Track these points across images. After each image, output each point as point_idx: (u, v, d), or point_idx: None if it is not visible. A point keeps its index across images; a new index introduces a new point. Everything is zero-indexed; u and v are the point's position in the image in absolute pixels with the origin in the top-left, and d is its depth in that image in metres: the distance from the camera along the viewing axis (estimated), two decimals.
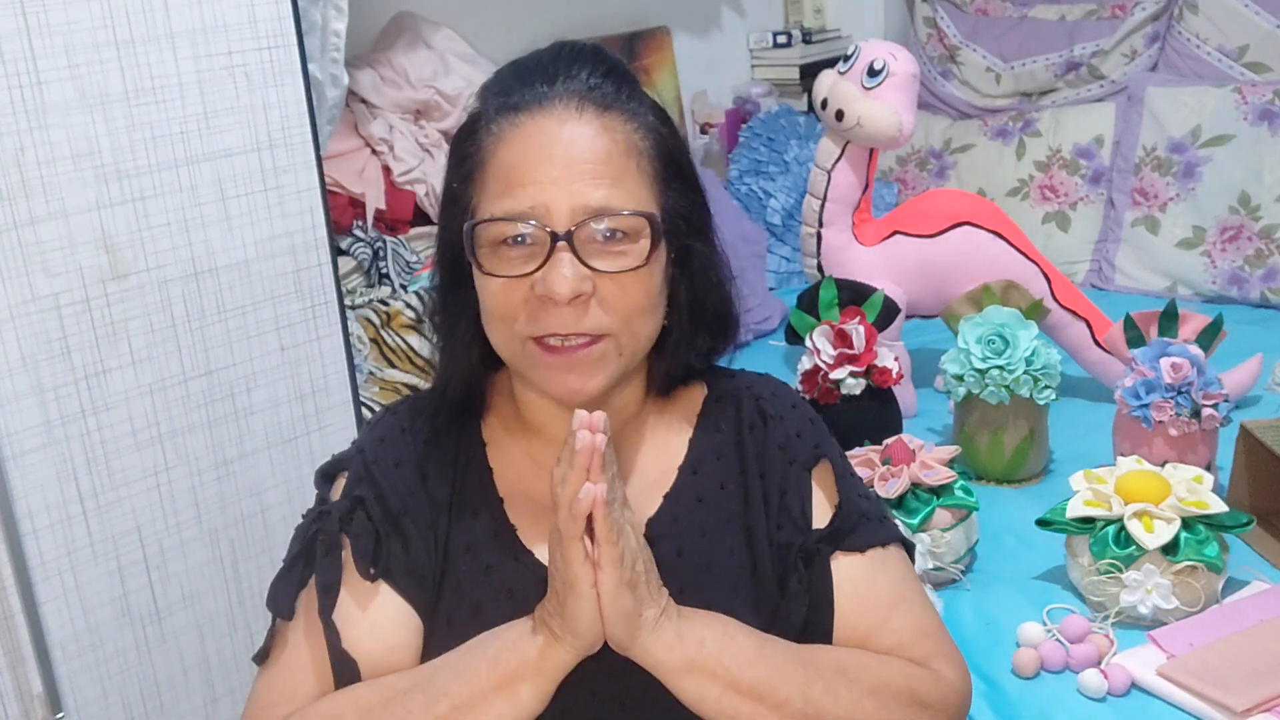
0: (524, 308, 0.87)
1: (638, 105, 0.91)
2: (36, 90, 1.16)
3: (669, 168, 0.92)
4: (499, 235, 0.87)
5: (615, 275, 0.86)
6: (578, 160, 0.86)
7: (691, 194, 0.94)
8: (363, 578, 0.90)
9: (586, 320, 0.86)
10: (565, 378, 0.87)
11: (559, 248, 0.85)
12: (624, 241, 0.87)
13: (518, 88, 0.89)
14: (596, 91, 0.89)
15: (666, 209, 0.90)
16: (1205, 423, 1.62)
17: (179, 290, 1.30)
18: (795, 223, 2.78)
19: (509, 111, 0.88)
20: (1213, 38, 2.76)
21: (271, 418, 1.40)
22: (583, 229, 0.85)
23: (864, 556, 0.95)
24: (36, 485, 1.21)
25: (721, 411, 1.00)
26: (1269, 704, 1.19)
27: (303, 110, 1.37)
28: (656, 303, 0.90)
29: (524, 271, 0.86)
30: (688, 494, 0.96)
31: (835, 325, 1.78)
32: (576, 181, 0.85)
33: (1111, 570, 1.38)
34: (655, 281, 0.89)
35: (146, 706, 1.33)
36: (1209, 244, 2.59)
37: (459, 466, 0.96)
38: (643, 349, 0.92)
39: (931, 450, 1.54)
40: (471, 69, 2.29)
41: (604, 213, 0.85)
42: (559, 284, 0.84)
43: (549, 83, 0.89)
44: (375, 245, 2.01)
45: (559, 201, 0.85)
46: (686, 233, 0.93)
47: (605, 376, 0.89)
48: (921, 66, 2.95)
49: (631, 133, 0.89)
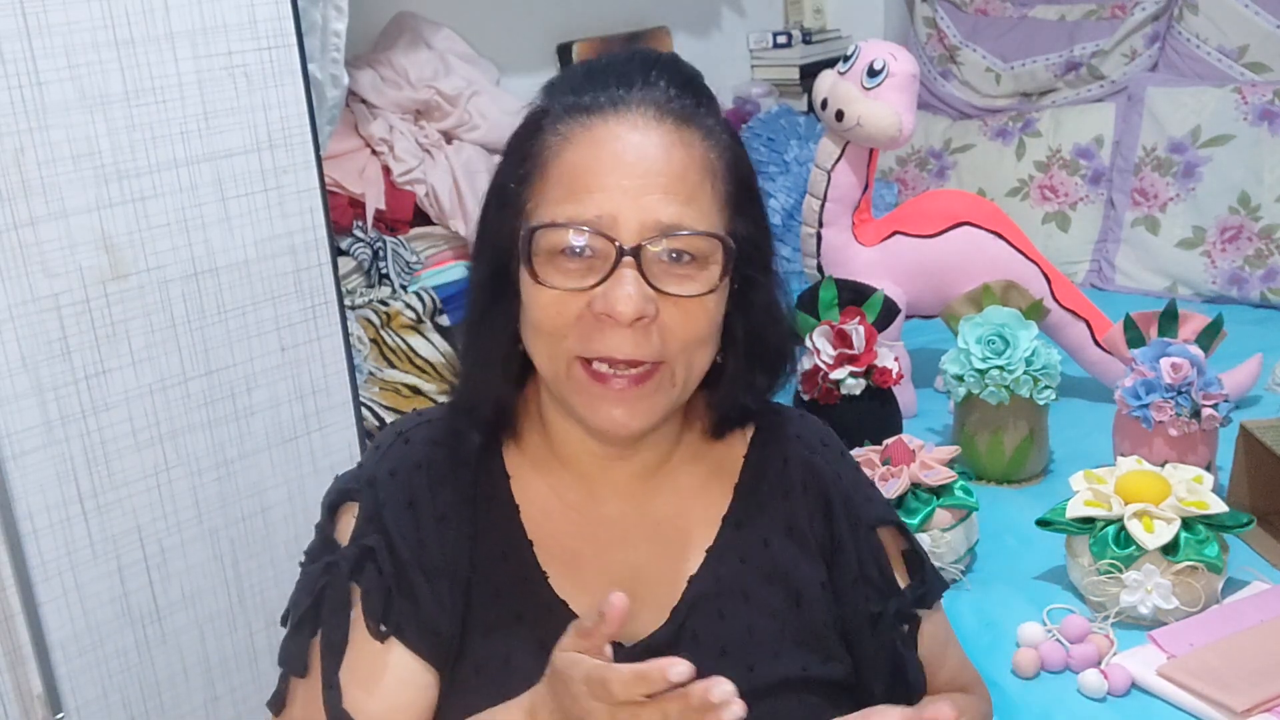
0: (576, 326, 0.80)
1: (715, 123, 0.85)
2: (36, 90, 1.16)
3: (741, 192, 0.86)
4: (558, 244, 0.80)
5: (681, 300, 0.80)
6: (652, 172, 0.80)
7: (760, 222, 0.88)
8: (373, 637, 0.85)
9: (644, 346, 0.79)
10: (611, 410, 0.81)
11: (624, 263, 0.78)
12: (690, 265, 0.80)
13: (590, 88, 0.83)
14: (676, 103, 0.83)
15: (736, 235, 0.84)
16: (1205, 423, 1.62)
17: (179, 290, 1.30)
18: (795, 223, 2.78)
19: (580, 113, 0.82)
20: (1213, 38, 2.76)
21: (272, 418, 1.40)
22: (651, 246, 0.79)
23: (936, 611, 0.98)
24: (36, 485, 1.21)
25: (766, 460, 0.94)
26: (1269, 704, 1.19)
27: (303, 110, 1.37)
28: (716, 334, 0.85)
29: (583, 285, 0.79)
30: (731, 551, 0.90)
31: (835, 325, 1.77)
32: (649, 194, 0.79)
33: (1111, 570, 1.38)
34: (718, 311, 0.83)
35: (147, 706, 1.33)
36: (1209, 244, 2.59)
37: (480, 503, 0.89)
38: (694, 384, 0.85)
39: (931, 450, 1.54)
40: (471, 69, 2.29)
41: (676, 230, 0.79)
42: (623, 302, 0.77)
43: (626, 87, 0.83)
44: (375, 245, 2.01)
45: (628, 213, 0.78)
46: (752, 263, 0.87)
47: (656, 412, 0.83)
48: (921, 66, 2.95)
49: (708, 150, 0.83)
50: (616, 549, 0.89)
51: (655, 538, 0.90)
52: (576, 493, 0.90)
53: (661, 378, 0.81)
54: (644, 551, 0.90)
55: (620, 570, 0.88)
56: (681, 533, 0.90)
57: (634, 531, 0.90)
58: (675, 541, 0.90)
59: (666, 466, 0.91)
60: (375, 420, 1.77)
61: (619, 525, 0.90)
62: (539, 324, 0.82)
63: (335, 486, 0.93)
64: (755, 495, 0.92)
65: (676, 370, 0.82)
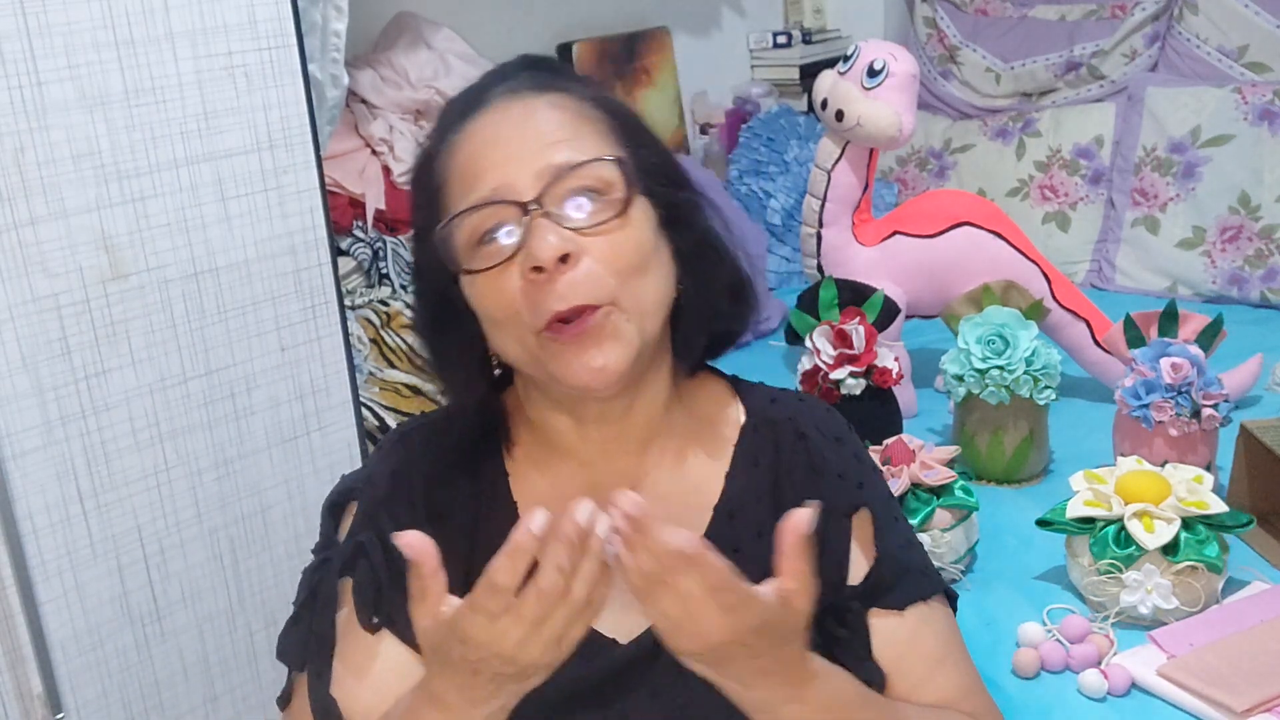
0: (523, 301, 0.82)
1: (580, 86, 0.89)
2: (36, 90, 1.16)
3: (628, 125, 0.88)
4: (473, 233, 0.83)
5: (598, 231, 0.81)
6: (530, 131, 0.84)
7: (660, 150, 0.90)
8: (364, 628, 0.88)
9: (581, 290, 0.80)
10: (583, 357, 0.81)
11: (533, 215, 0.80)
12: (600, 200, 0.82)
13: (457, 108, 0.89)
14: (531, 80, 0.88)
15: (637, 162, 0.86)
16: (1205, 423, 1.62)
17: (179, 290, 1.30)
18: (795, 223, 2.78)
19: (455, 124, 0.87)
20: (1213, 38, 2.76)
21: (272, 418, 1.40)
22: (551, 191, 0.81)
23: (904, 614, 0.90)
24: (36, 485, 1.21)
25: (760, 444, 0.93)
26: (1269, 704, 1.19)
27: (303, 110, 1.37)
28: (650, 262, 0.85)
29: (508, 256, 0.82)
30: (724, 542, 0.87)
31: (835, 325, 1.78)
32: (533, 149, 0.83)
33: (1111, 570, 1.38)
34: (644, 235, 0.84)
35: (146, 706, 1.33)
36: (1209, 244, 2.59)
37: (481, 500, 0.91)
38: (652, 312, 0.85)
39: (931, 450, 1.54)
40: (471, 69, 2.29)
41: (568, 167, 0.81)
42: (540, 247, 0.79)
43: (483, 90, 0.88)
44: (375, 245, 2.01)
45: (521, 173, 0.82)
46: (666, 185, 0.88)
47: (623, 348, 0.82)
48: (921, 66, 2.95)
49: (578, 102, 0.87)
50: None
51: None
52: (575, 484, 0.91)
53: (610, 314, 0.82)
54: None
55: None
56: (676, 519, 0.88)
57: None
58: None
59: (656, 445, 0.92)
60: (375, 420, 1.77)
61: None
62: (490, 313, 0.84)
63: (338, 487, 0.96)
64: (748, 482, 0.92)
65: (625, 304, 0.82)
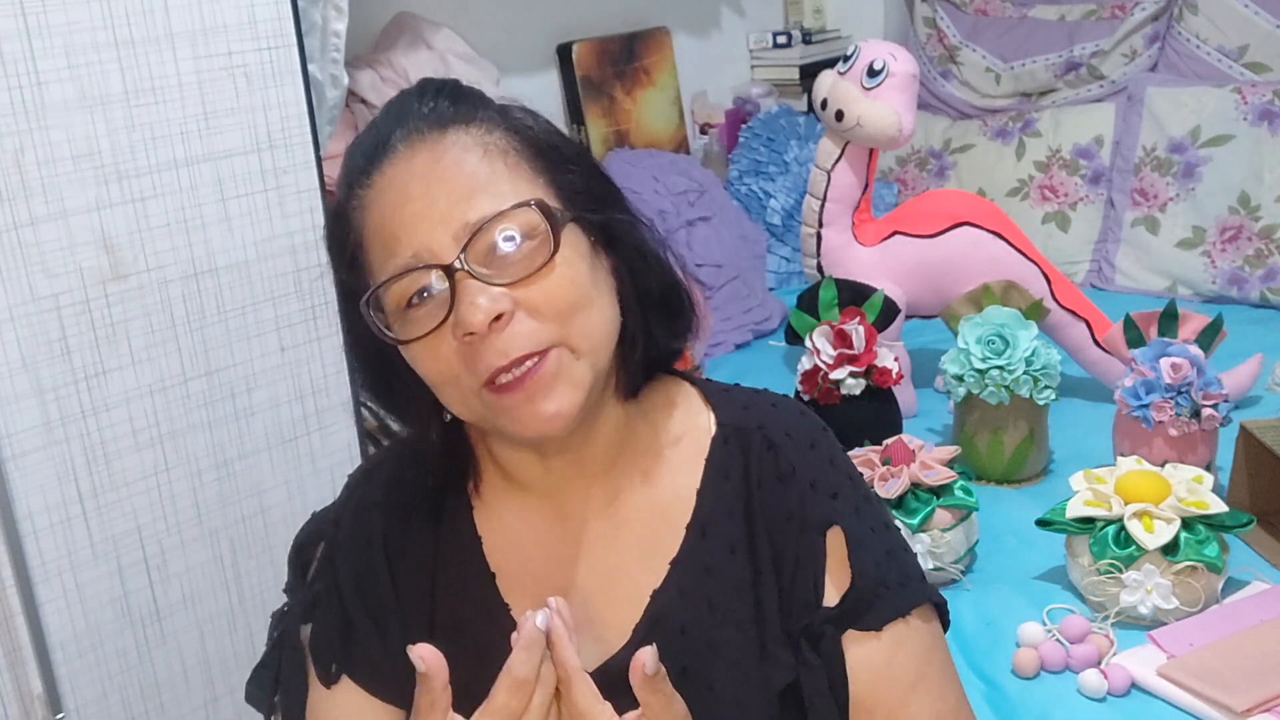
0: (458, 360, 0.78)
1: (484, 112, 0.84)
2: (36, 91, 1.16)
3: (547, 152, 0.83)
4: (399, 299, 0.79)
5: (531, 280, 0.77)
6: (438, 185, 0.79)
7: (584, 167, 0.85)
8: (320, 681, 0.88)
9: (522, 339, 0.77)
10: (534, 408, 0.78)
11: (458, 279, 0.76)
12: (524, 246, 0.78)
13: (361, 157, 0.84)
14: (432, 115, 0.82)
15: (560, 191, 0.82)
16: (1205, 423, 1.62)
17: (179, 291, 1.30)
18: (795, 223, 2.78)
19: (360, 179, 0.82)
20: (1213, 38, 2.76)
21: (272, 418, 1.40)
22: (473, 248, 0.77)
23: (880, 637, 0.84)
24: (37, 486, 1.21)
25: (731, 455, 0.88)
26: (1269, 704, 1.19)
27: (302, 111, 1.37)
28: (591, 295, 0.80)
29: (437, 323, 0.78)
30: (695, 562, 0.86)
31: (835, 325, 1.78)
32: (446, 207, 0.78)
33: (1111, 570, 1.38)
34: (579, 271, 0.80)
35: (147, 706, 1.33)
36: (1209, 244, 2.59)
37: (443, 535, 0.89)
38: (603, 344, 0.81)
39: (931, 450, 1.54)
40: (471, 69, 2.29)
41: (485, 220, 0.77)
42: (469, 314, 0.75)
43: (386, 135, 0.83)
44: None
45: (438, 234, 0.77)
46: (595, 207, 0.84)
47: (576, 389, 0.79)
48: (921, 67, 2.95)
49: (483, 135, 0.81)
50: (582, 568, 0.88)
51: (620, 550, 0.87)
52: (542, 515, 0.89)
53: (559, 355, 0.78)
54: (610, 566, 0.87)
55: (585, 590, 0.87)
56: (646, 543, 0.87)
57: (599, 546, 0.88)
58: (640, 553, 0.87)
59: (622, 464, 0.88)
60: (375, 420, 1.77)
61: (584, 542, 0.88)
62: (429, 378, 0.81)
63: (307, 527, 0.95)
64: (719, 495, 0.88)
65: (573, 341, 0.79)
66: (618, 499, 0.88)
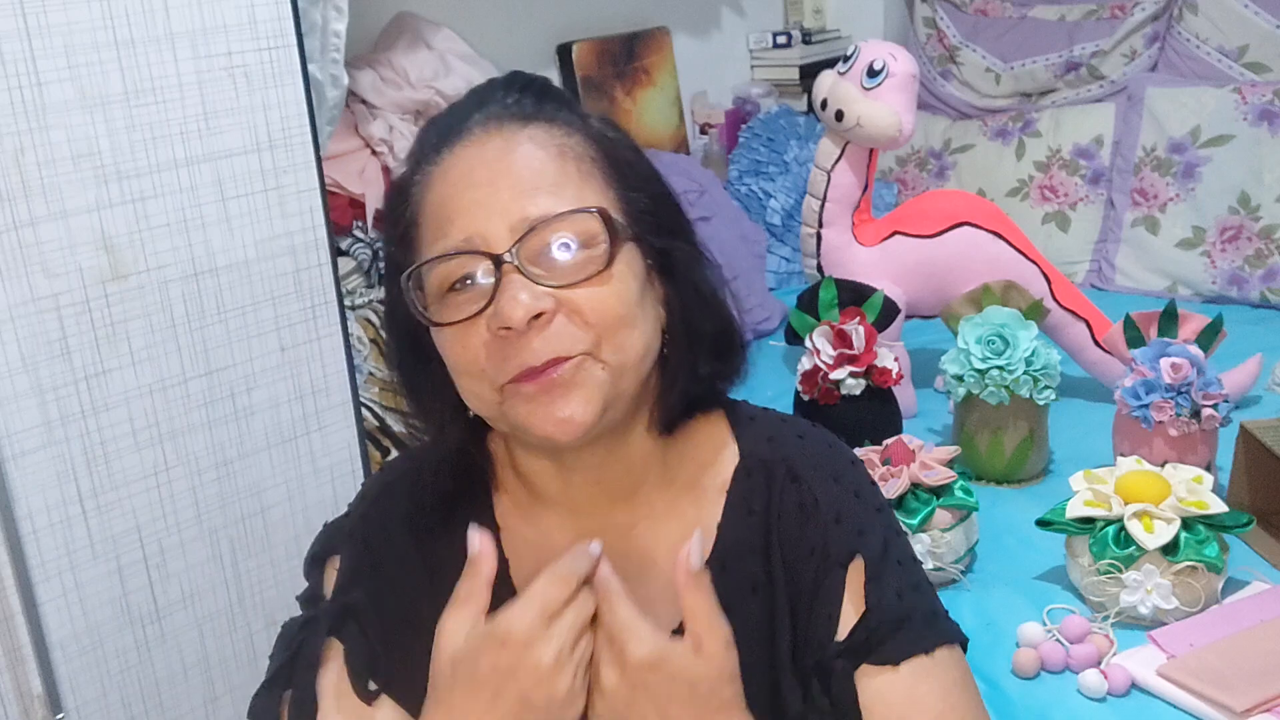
0: (486, 353, 0.77)
1: (567, 114, 0.82)
2: (36, 91, 1.16)
3: (621, 167, 0.82)
4: (442, 281, 0.78)
5: (578, 286, 0.76)
6: (506, 175, 0.77)
7: (655, 191, 0.83)
8: (359, 697, 0.84)
9: (555, 341, 0.75)
10: (550, 409, 0.76)
11: (505, 270, 0.75)
12: (581, 251, 0.76)
13: (435, 134, 0.83)
14: (515, 107, 0.81)
15: (626, 207, 0.80)
16: (1205, 423, 1.62)
17: (179, 291, 1.30)
18: (795, 223, 2.78)
19: (430, 154, 0.82)
20: (1213, 38, 2.76)
21: (271, 418, 1.40)
22: (527, 244, 0.76)
23: (899, 670, 0.80)
24: (36, 486, 1.21)
25: (754, 489, 0.86)
26: (1269, 704, 1.19)
27: (302, 111, 1.37)
28: (635, 315, 0.78)
29: (475, 310, 0.76)
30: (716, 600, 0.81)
31: (835, 325, 1.78)
32: (509, 197, 0.77)
33: (1111, 570, 1.38)
34: (630, 289, 0.78)
35: (146, 706, 1.33)
36: (1209, 244, 2.59)
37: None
38: (633, 366, 0.79)
39: (931, 450, 1.54)
40: (471, 69, 2.29)
41: (545, 219, 0.76)
42: (510, 308, 0.74)
43: (464, 118, 0.82)
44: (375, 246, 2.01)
45: (494, 223, 0.76)
46: (658, 232, 0.82)
47: (593, 399, 0.77)
48: (921, 67, 2.95)
49: (562, 138, 0.80)
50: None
51: (642, 580, 0.84)
52: (564, 534, 0.86)
53: (585, 361, 0.77)
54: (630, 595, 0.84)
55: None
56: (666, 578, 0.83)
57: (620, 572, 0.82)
58: (661, 588, 0.84)
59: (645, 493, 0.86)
60: (375, 420, 1.77)
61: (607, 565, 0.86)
62: (455, 365, 0.79)
63: (321, 537, 0.92)
64: (741, 530, 0.85)
65: (604, 354, 0.77)
66: (638, 527, 0.86)
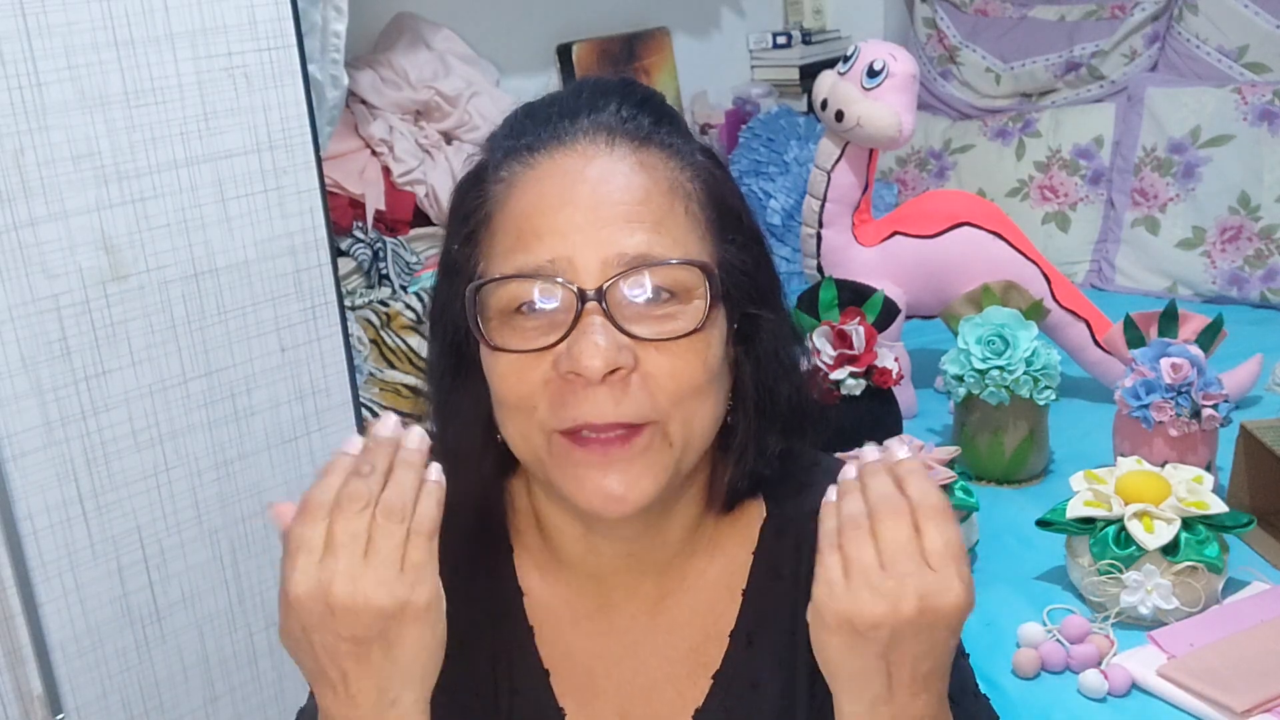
0: (545, 393, 0.69)
1: (682, 141, 0.74)
2: (36, 91, 1.16)
3: (725, 216, 0.74)
4: (511, 300, 0.69)
5: (663, 344, 0.68)
6: (609, 200, 0.69)
7: (754, 250, 0.75)
8: None
9: (626, 404, 0.67)
10: (600, 481, 0.68)
11: (588, 309, 0.67)
12: (671, 303, 0.69)
13: (532, 128, 0.73)
14: (630, 124, 0.72)
15: (724, 264, 0.72)
16: (1205, 423, 1.62)
17: (179, 291, 1.30)
18: (795, 223, 2.78)
19: (522, 152, 0.72)
20: (1213, 38, 2.76)
21: (272, 418, 1.40)
22: (618, 285, 0.67)
23: None
24: (36, 486, 1.21)
25: (782, 550, 0.79)
26: (1269, 704, 1.19)
27: (302, 111, 1.37)
28: (715, 383, 0.71)
29: (543, 344, 0.68)
30: (742, 677, 0.77)
31: (835, 326, 1.77)
32: (608, 226, 0.68)
33: (1111, 570, 1.38)
34: (713, 355, 0.71)
35: (146, 706, 1.33)
36: (1209, 244, 2.59)
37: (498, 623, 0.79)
38: (699, 442, 0.72)
39: (931, 450, 1.54)
40: (471, 69, 2.29)
41: (644, 263, 0.68)
42: (590, 354, 0.65)
43: (571, 118, 0.73)
44: (375, 246, 2.01)
45: (586, 252, 0.68)
46: (750, 297, 0.74)
47: (655, 479, 0.69)
48: (921, 67, 2.95)
49: (676, 171, 0.72)
50: (628, 668, 0.80)
51: (667, 654, 0.79)
52: (587, 600, 0.80)
53: (653, 435, 0.69)
54: (655, 670, 0.79)
55: (631, 693, 0.79)
56: (692, 650, 0.79)
57: (645, 645, 0.80)
58: (685, 661, 0.79)
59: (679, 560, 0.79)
60: None
61: (631, 637, 0.80)
62: (502, 397, 0.71)
63: None
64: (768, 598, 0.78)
65: (672, 428, 0.69)
66: (666, 599, 0.79)
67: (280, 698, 1.46)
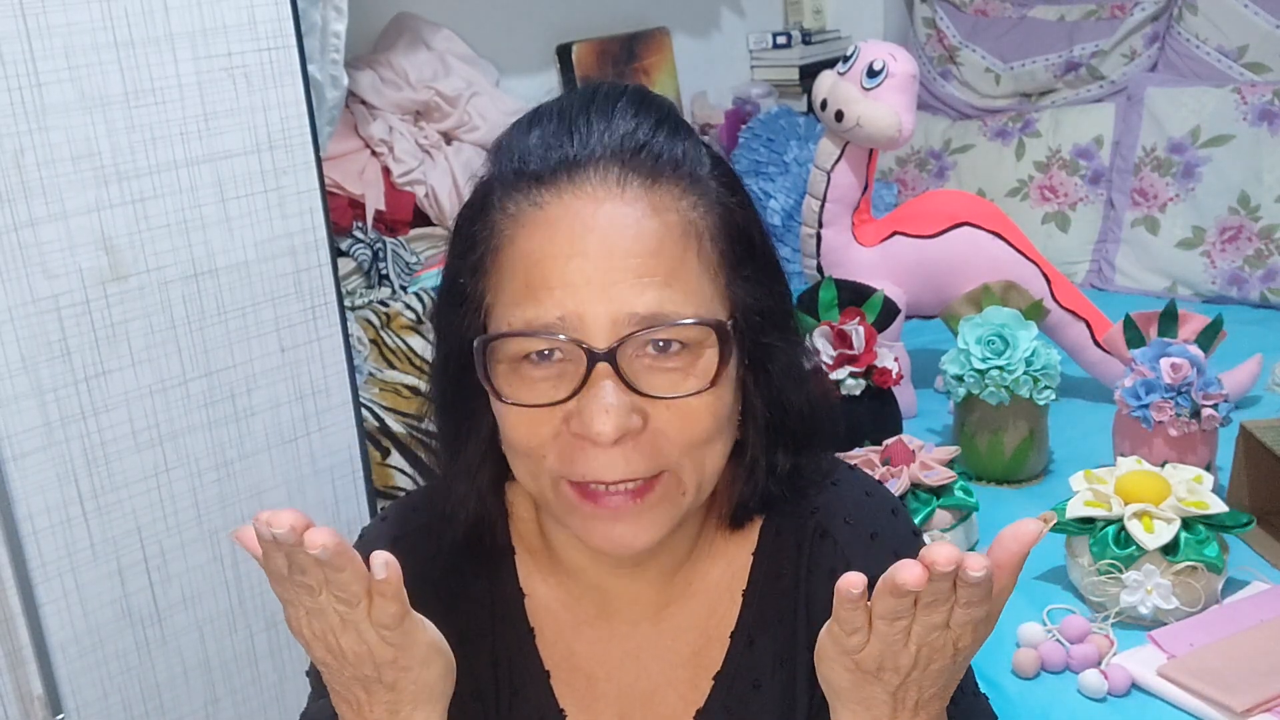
0: (554, 445, 0.69)
1: (695, 166, 0.72)
2: (36, 92, 1.16)
3: (739, 249, 0.72)
4: (519, 352, 0.69)
5: (673, 401, 0.68)
6: (619, 253, 0.67)
7: (769, 281, 0.74)
8: None
9: (637, 462, 0.68)
10: (611, 529, 0.69)
11: (598, 370, 0.66)
12: (680, 355, 0.68)
13: (539, 151, 0.71)
14: (642, 153, 0.70)
15: (738, 304, 0.72)
16: (1205, 423, 1.62)
17: (179, 291, 1.30)
18: (795, 223, 2.78)
19: (528, 186, 0.70)
20: (1212, 38, 2.76)
21: (272, 419, 1.40)
22: (628, 345, 0.67)
23: None
24: (37, 487, 1.21)
25: (782, 550, 0.79)
26: (1269, 704, 1.19)
27: (302, 111, 1.37)
28: (723, 427, 0.71)
29: (553, 400, 0.68)
30: (743, 678, 0.78)
31: (835, 326, 1.78)
32: (619, 282, 0.67)
33: (1111, 570, 1.38)
34: (724, 403, 0.71)
35: (147, 707, 1.33)
36: (1209, 244, 2.59)
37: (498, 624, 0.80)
38: (711, 482, 0.73)
39: (931, 450, 1.54)
40: (471, 70, 2.29)
41: (655, 323, 0.67)
42: (599, 420, 0.66)
43: (581, 143, 0.70)
44: (375, 246, 2.01)
45: (596, 310, 0.66)
46: (763, 330, 0.73)
47: (666, 524, 0.71)
48: (921, 67, 2.95)
49: (689, 210, 0.70)
50: (630, 672, 0.80)
51: (669, 658, 0.80)
52: (589, 606, 0.80)
53: (666, 486, 0.70)
54: (656, 674, 0.80)
55: (632, 698, 0.80)
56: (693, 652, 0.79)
57: (647, 651, 0.80)
58: (687, 664, 0.80)
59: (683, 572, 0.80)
60: (375, 421, 1.77)
61: (633, 643, 0.81)
62: (512, 444, 0.71)
63: None
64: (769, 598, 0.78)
65: (684, 476, 0.70)
66: (669, 606, 0.80)
67: (281, 699, 1.46)
